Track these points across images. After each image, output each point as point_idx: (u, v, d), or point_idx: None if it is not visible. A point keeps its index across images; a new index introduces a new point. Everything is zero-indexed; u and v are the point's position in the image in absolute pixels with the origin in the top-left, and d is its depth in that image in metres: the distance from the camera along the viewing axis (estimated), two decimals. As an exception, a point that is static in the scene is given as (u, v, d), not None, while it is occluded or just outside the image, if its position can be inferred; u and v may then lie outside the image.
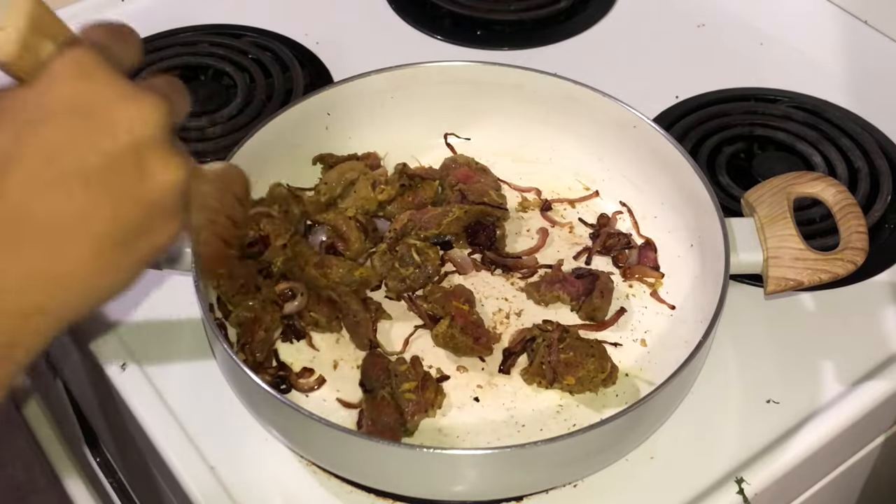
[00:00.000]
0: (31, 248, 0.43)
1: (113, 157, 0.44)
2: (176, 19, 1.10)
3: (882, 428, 0.83)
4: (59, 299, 0.44)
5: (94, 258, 0.44)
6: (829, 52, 1.08)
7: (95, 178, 0.43)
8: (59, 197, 0.43)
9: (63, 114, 0.43)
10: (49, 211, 0.43)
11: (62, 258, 0.43)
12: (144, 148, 0.44)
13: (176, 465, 0.73)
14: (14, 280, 0.43)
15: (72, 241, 0.43)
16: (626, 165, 0.89)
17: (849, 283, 0.83)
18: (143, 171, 0.44)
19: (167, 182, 0.45)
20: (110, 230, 0.44)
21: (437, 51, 1.08)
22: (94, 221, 0.44)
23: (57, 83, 0.44)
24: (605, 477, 0.72)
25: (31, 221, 0.43)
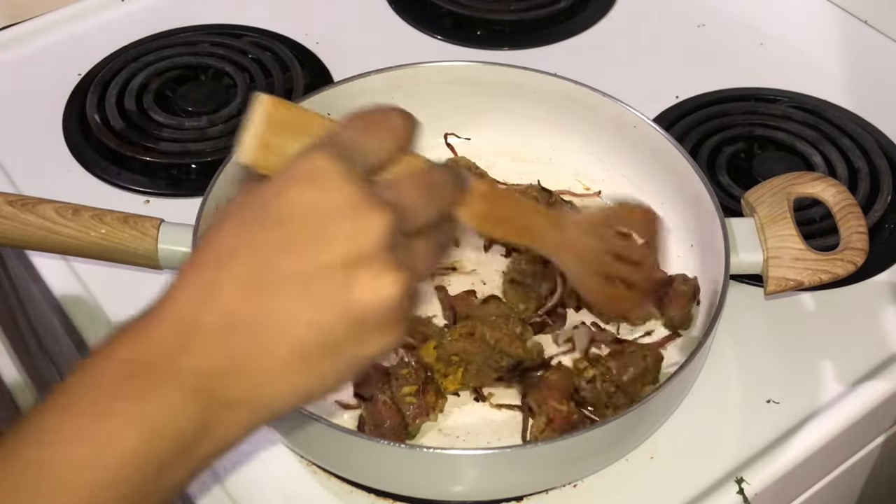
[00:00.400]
0: (238, 342, 0.44)
1: (325, 268, 0.44)
2: (176, 19, 1.10)
3: (882, 428, 0.83)
4: (262, 395, 0.46)
5: (297, 360, 0.45)
6: (829, 52, 1.08)
7: (304, 285, 0.44)
8: (266, 298, 0.44)
9: (287, 219, 0.44)
10: (257, 310, 0.44)
11: (266, 356, 0.45)
12: (358, 262, 0.44)
13: (176, 464, 0.72)
14: (225, 366, 0.44)
15: (276, 341, 0.44)
16: (626, 165, 0.89)
17: (849, 283, 0.83)
18: (352, 284, 0.44)
19: (375, 300, 0.45)
20: (314, 337, 0.45)
21: (437, 51, 1.08)
22: (298, 327, 0.44)
23: (289, 187, 0.45)
24: (605, 477, 0.72)
25: (240, 317, 0.44)
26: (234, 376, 0.45)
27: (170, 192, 0.92)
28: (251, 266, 0.44)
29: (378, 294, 0.45)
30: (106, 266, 0.81)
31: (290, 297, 0.44)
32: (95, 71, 1.03)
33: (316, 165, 0.45)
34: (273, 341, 0.44)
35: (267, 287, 0.44)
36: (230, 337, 0.44)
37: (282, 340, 0.45)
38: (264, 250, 0.44)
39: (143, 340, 0.45)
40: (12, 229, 0.74)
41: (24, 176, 0.92)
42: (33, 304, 1.02)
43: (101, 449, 0.43)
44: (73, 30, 1.09)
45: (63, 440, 0.43)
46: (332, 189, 0.44)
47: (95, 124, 0.97)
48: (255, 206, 0.45)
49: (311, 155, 0.45)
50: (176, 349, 0.44)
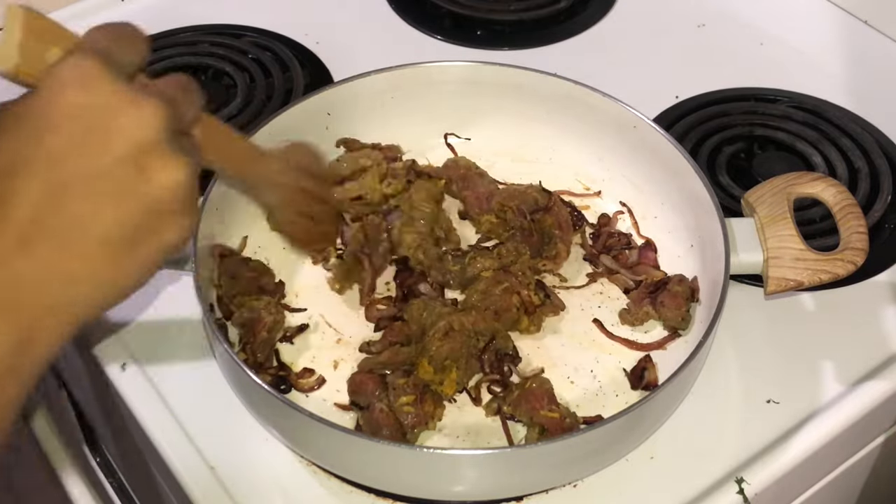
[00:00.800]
0: (43, 248, 0.45)
1: (113, 162, 0.46)
2: (176, 19, 1.10)
3: (882, 428, 0.83)
4: (73, 295, 0.47)
5: (102, 256, 0.47)
6: (829, 52, 1.08)
7: (97, 182, 0.46)
8: (63, 201, 0.45)
9: (66, 122, 0.46)
10: (56, 214, 0.45)
11: (72, 256, 0.46)
12: (144, 152, 0.46)
13: (176, 465, 0.73)
14: (30, 277, 0.45)
15: (79, 240, 0.46)
16: (626, 165, 0.89)
17: (849, 283, 0.83)
18: (144, 173, 0.47)
19: (168, 182, 0.47)
20: (115, 230, 0.46)
21: (437, 51, 1.08)
22: (98, 222, 0.46)
23: (60, 91, 0.46)
24: (605, 477, 0.72)
25: (41, 224, 0.45)
26: (45, 283, 0.46)
27: (170, 192, 0.92)
28: (43, 175, 0.45)
29: (169, 179, 0.47)
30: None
31: (86, 197, 0.46)
32: (95, 71, 1.03)
33: (82, 69, 0.46)
34: (77, 242, 0.46)
35: (61, 192, 0.45)
36: (34, 246, 0.45)
37: (85, 239, 0.46)
38: (52, 157, 0.45)
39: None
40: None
41: (24, 176, 0.92)
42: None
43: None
44: (73, 30, 1.08)
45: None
46: (103, 89, 0.46)
47: (95, 124, 0.97)
48: (33, 116, 0.46)
49: (74, 60, 0.47)
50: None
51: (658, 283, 0.80)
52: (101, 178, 0.46)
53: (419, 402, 0.72)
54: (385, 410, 0.71)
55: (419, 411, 0.71)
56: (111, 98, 0.47)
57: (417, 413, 0.71)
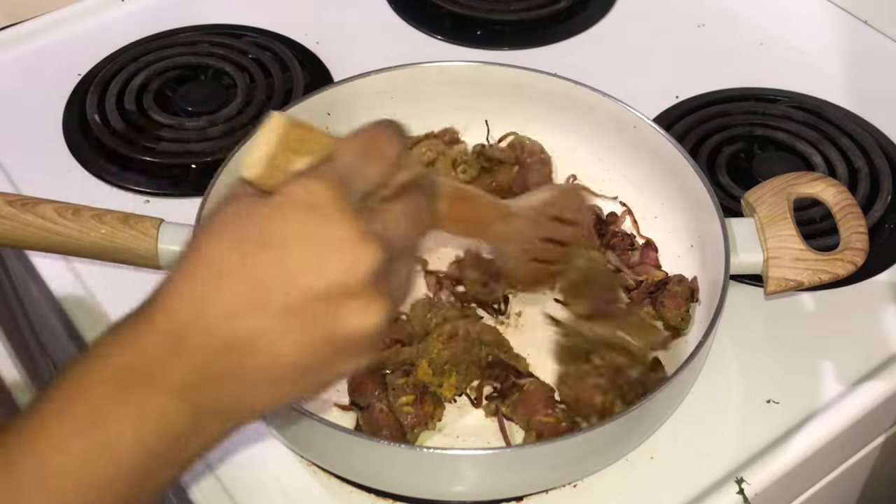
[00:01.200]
0: (226, 359, 0.46)
1: (316, 296, 0.46)
2: (176, 19, 1.10)
3: (882, 428, 0.83)
4: (246, 403, 0.48)
5: (280, 377, 0.47)
6: (829, 52, 1.08)
7: (291, 311, 0.46)
8: (256, 319, 0.46)
9: (285, 243, 0.45)
10: (247, 331, 0.46)
11: (252, 373, 0.47)
12: (347, 293, 0.46)
13: (176, 465, 0.72)
14: (209, 382, 0.46)
15: (263, 361, 0.46)
16: (626, 165, 0.89)
17: (849, 283, 0.83)
18: (340, 313, 0.46)
19: (359, 329, 0.47)
20: (298, 359, 0.47)
21: (437, 51, 1.08)
22: (282, 348, 0.46)
23: (289, 211, 0.46)
24: (605, 477, 0.72)
25: (231, 338, 0.46)
26: (220, 388, 0.47)
27: (170, 192, 0.92)
28: (245, 286, 0.45)
29: (363, 324, 0.47)
30: (106, 266, 0.81)
31: (279, 320, 0.45)
32: (95, 71, 1.03)
33: (316, 192, 0.46)
34: (260, 360, 0.46)
35: (258, 309, 0.45)
36: (219, 354, 0.46)
37: (268, 360, 0.46)
38: (259, 272, 0.45)
39: (135, 347, 0.46)
40: (12, 229, 0.74)
41: (24, 176, 0.93)
42: (33, 304, 1.02)
43: (100, 451, 0.45)
44: (73, 30, 1.09)
45: (63, 444, 0.45)
46: (331, 219, 0.46)
47: (95, 124, 0.97)
48: (254, 223, 0.46)
49: (311, 179, 0.46)
50: (167, 360, 0.46)
51: (658, 284, 0.80)
52: (298, 307, 0.46)
53: (419, 402, 0.71)
54: (385, 410, 0.71)
55: (419, 411, 0.71)
56: (338, 231, 0.46)
57: (417, 413, 0.71)
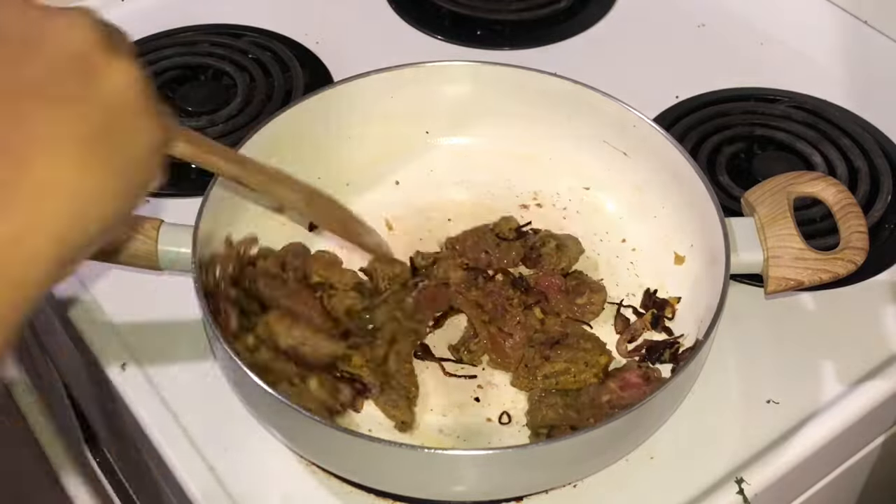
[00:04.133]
0: (5, 163, 0.42)
1: (51, 67, 0.44)
2: (176, 19, 1.10)
3: (882, 428, 0.83)
4: (49, 211, 0.43)
5: (72, 162, 0.44)
6: (829, 52, 1.08)
7: (45, 90, 0.44)
8: (17, 112, 0.43)
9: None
10: (14, 127, 0.43)
11: (34, 169, 0.43)
12: (84, 51, 0.45)
13: (176, 465, 0.73)
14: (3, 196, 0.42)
15: (38, 152, 0.43)
16: (626, 165, 0.89)
17: (849, 283, 0.83)
18: (90, 75, 0.45)
19: (120, 78, 0.46)
20: (78, 133, 0.44)
21: (437, 51, 1.08)
22: (59, 127, 0.44)
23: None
24: (605, 477, 0.72)
25: (5, 142, 0.42)
26: (21, 198, 0.42)
27: (170, 192, 0.92)
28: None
29: (123, 73, 0.46)
30: (106, 266, 0.82)
31: (39, 105, 0.44)
32: (95, 71, 1.03)
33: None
34: (37, 155, 0.43)
35: (12, 105, 0.43)
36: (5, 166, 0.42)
37: (46, 148, 0.43)
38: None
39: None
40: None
41: (24, 176, 0.92)
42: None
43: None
44: None
45: None
46: (21, 3, 0.45)
47: (95, 124, 0.97)
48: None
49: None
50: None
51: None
52: (42, 87, 0.44)
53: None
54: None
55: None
56: (30, 10, 0.45)
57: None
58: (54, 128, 0.44)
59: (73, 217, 0.44)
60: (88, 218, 0.45)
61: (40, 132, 0.43)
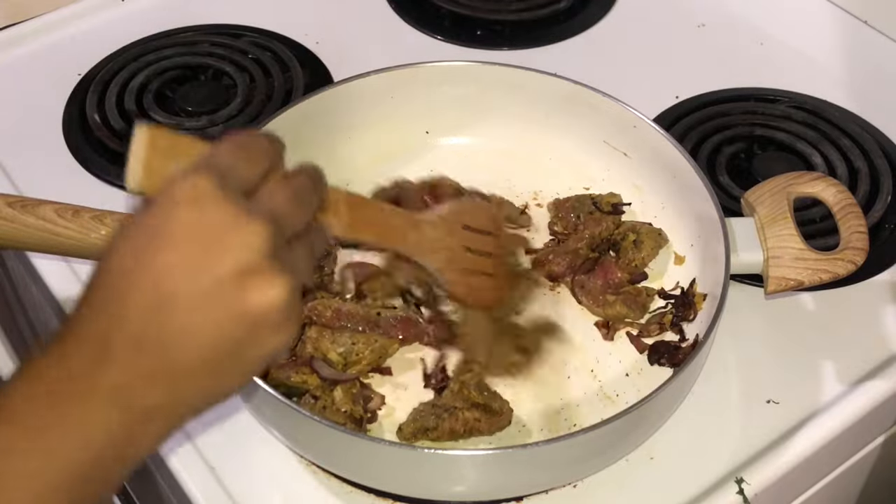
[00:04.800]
0: (147, 358, 0.48)
1: (216, 281, 0.48)
2: (176, 19, 1.10)
3: (882, 428, 0.83)
4: (175, 401, 0.50)
5: (203, 368, 0.49)
6: (829, 52, 1.08)
7: (199, 299, 0.48)
8: (168, 315, 0.48)
9: (177, 240, 0.48)
10: (160, 326, 0.48)
11: (174, 367, 0.49)
12: (246, 272, 0.48)
13: (176, 465, 0.73)
14: (137, 380, 0.48)
15: (181, 353, 0.49)
16: (626, 165, 0.89)
17: (849, 283, 0.83)
18: (245, 292, 0.49)
19: (267, 301, 0.49)
20: (216, 344, 0.49)
21: (437, 51, 1.08)
22: (200, 337, 0.49)
23: (173, 208, 0.49)
24: (605, 477, 0.72)
25: (145, 334, 0.48)
26: (148, 386, 0.49)
27: (170, 192, 0.92)
28: (150, 288, 0.48)
29: (269, 298, 0.49)
30: (106, 266, 0.81)
31: (190, 311, 0.48)
32: (95, 71, 1.03)
33: (195, 187, 0.49)
34: (179, 354, 0.49)
35: (167, 305, 0.48)
36: (139, 355, 0.48)
37: (187, 352, 0.49)
38: (160, 272, 0.48)
39: (65, 358, 0.49)
40: (12, 231, 0.74)
41: (24, 176, 0.93)
42: (33, 304, 1.02)
43: (45, 461, 0.48)
44: (73, 30, 1.09)
45: (14, 451, 0.48)
46: (213, 207, 0.49)
47: (95, 124, 0.97)
48: (142, 226, 0.49)
49: (189, 177, 0.49)
50: (93, 367, 0.48)
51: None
52: (203, 295, 0.48)
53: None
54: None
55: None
56: (220, 218, 0.48)
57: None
58: (194, 338, 0.49)
59: (193, 405, 0.51)
60: (204, 405, 0.52)
61: (181, 339, 0.49)
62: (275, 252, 0.49)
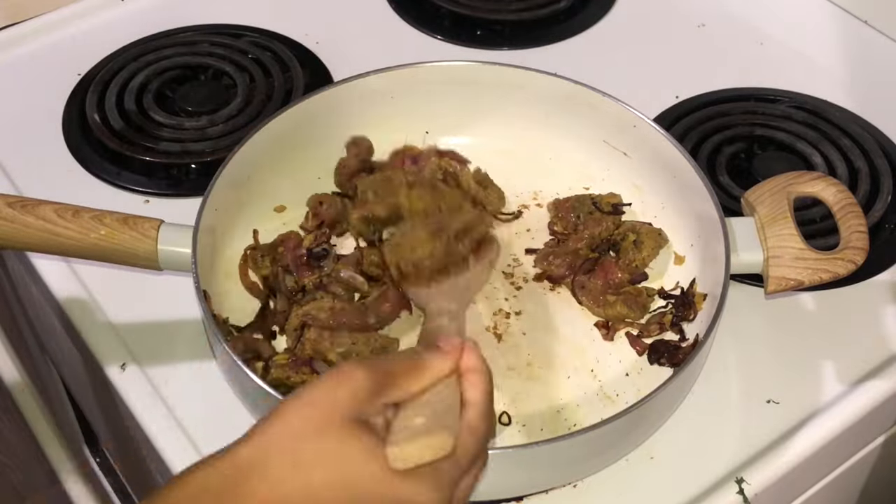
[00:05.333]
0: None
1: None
2: (176, 19, 1.10)
3: (882, 428, 0.83)
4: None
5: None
6: (829, 52, 1.08)
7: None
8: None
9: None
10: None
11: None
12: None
13: (176, 465, 0.72)
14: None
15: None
16: (626, 165, 0.89)
17: (849, 283, 0.83)
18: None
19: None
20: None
21: (437, 51, 1.08)
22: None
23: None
24: (605, 477, 0.72)
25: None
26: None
27: (170, 192, 0.92)
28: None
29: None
30: (106, 267, 0.82)
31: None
32: (95, 71, 1.03)
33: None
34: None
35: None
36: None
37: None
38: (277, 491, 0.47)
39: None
40: (12, 231, 0.74)
41: (24, 176, 0.93)
42: (33, 304, 1.02)
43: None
44: (73, 30, 1.09)
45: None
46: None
47: (95, 124, 0.97)
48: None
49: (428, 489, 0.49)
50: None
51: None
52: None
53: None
54: None
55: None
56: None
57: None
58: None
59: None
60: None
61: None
62: None
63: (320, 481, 0.48)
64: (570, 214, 0.86)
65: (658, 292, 0.82)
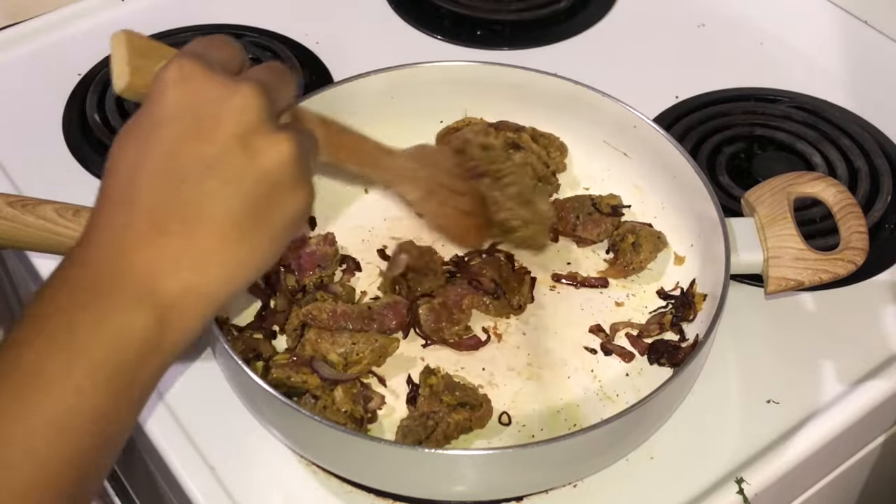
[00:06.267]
0: (169, 236, 0.49)
1: (222, 147, 0.49)
2: (176, 19, 1.10)
3: (882, 428, 0.83)
4: (206, 279, 0.50)
5: (226, 236, 0.50)
6: (829, 52, 1.08)
7: (209, 168, 0.49)
8: (182, 190, 0.49)
9: (173, 117, 0.50)
10: (177, 203, 0.49)
11: (197, 240, 0.50)
12: (248, 132, 0.50)
13: (176, 465, 0.73)
14: (161, 264, 0.49)
15: (202, 224, 0.49)
16: (627, 165, 0.89)
17: (849, 283, 0.83)
18: (251, 152, 0.50)
19: (276, 158, 0.51)
20: (235, 210, 0.50)
21: (437, 51, 1.08)
22: (217, 205, 0.50)
23: (165, 91, 0.50)
24: (605, 477, 0.72)
25: (164, 214, 0.49)
26: (173, 269, 0.49)
27: (170, 192, 0.92)
28: (158, 167, 0.49)
29: (277, 155, 0.50)
30: (106, 266, 0.81)
31: (202, 182, 0.49)
32: (95, 71, 1.03)
33: (181, 68, 0.50)
34: (199, 226, 0.49)
35: (177, 181, 0.49)
36: (160, 236, 0.49)
37: (208, 223, 0.49)
38: (165, 150, 0.49)
39: (88, 262, 0.50)
40: (13, 230, 0.74)
41: (24, 176, 0.93)
42: (33, 304, 1.02)
43: (81, 356, 0.48)
44: (73, 30, 1.09)
45: (51, 352, 0.48)
46: (201, 80, 0.50)
47: (95, 124, 0.97)
48: (144, 118, 0.51)
49: (173, 63, 0.50)
50: (115, 259, 0.49)
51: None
52: (212, 163, 0.49)
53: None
54: None
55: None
56: (210, 88, 0.50)
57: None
58: (211, 207, 0.49)
59: (224, 280, 0.51)
60: (237, 280, 0.52)
61: (199, 210, 0.49)
62: (271, 115, 0.51)
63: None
64: (569, 215, 0.86)
65: (658, 293, 0.82)
